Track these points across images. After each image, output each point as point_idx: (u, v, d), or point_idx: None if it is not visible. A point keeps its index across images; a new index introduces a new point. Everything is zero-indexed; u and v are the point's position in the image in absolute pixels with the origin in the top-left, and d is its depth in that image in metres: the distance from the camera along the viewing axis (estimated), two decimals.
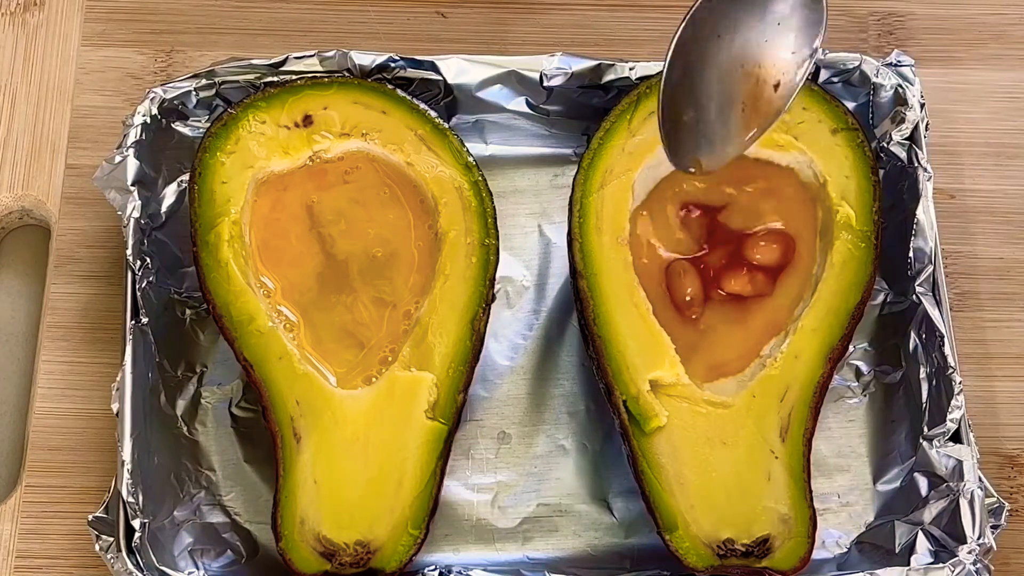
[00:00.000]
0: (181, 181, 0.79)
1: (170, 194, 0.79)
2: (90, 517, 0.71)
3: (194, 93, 0.78)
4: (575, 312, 0.78)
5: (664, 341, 0.72)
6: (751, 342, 0.74)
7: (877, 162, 0.77)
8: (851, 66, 0.79)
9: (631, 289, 0.73)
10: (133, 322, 0.74)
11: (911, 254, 0.76)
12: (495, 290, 0.74)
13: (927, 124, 0.79)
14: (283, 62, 0.78)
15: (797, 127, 0.76)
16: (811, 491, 0.71)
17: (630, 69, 0.79)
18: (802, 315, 0.73)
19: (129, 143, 0.76)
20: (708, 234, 0.76)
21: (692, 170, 0.66)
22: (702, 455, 0.71)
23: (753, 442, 0.71)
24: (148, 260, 0.75)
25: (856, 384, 0.79)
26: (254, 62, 0.78)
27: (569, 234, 0.74)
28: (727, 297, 0.74)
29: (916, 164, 0.77)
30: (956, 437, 0.73)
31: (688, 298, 0.74)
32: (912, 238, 0.76)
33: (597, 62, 0.79)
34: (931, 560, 0.71)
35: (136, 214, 0.75)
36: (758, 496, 0.71)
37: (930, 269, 0.76)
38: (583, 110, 0.81)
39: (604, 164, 0.75)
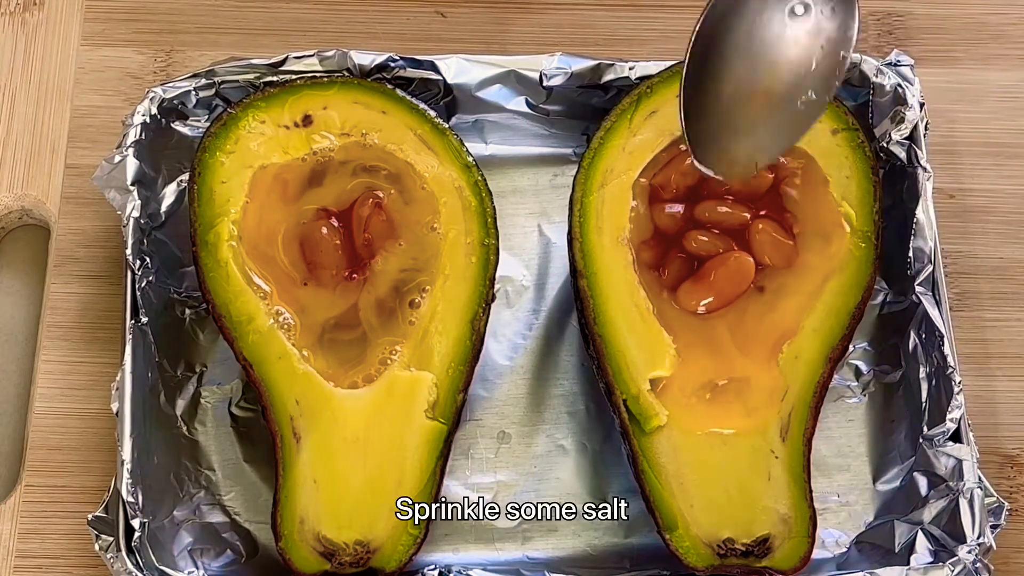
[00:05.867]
0: (181, 181, 0.79)
1: (170, 194, 0.79)
2: (90, 517, 0.71)
3: (194, 93, 0.78)
4: (575, 312, 0.78)
5: (664, 340, 0.72)
6: (763, 339, 0.73)
7: (877, 162, 0.77)
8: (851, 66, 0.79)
9: (631, 288, 0.73)
10: (133, 322, 0.74)
11: (911, 254, 0.76)
12: (495, 290, 0.74)
13: (927, 124, 0.79)
14: (283, 62, 0.78)
15: None
16: (811, 491, 0.71)
17: (630, 69, 0.79)
18: (802, 315, 0.73)
19: (129, 143, 0.76)
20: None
21: (719, 176, 0.65)
22: (702, 454, 0.71)
23: (753, 442, 0.71)
24: (148, 260, 0.75)
25: (856, 384, 0.79)
26: (254, 62, 0.78)
27: (569, 233, 0.74)
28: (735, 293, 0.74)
29: (916, 164, 0.77)
30: (956, 437, 0.73)
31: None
32: (912, 238, 0.76)
33: (597, 62, 0.79)
34: (931, 560, 0.71)
35: (136, 214, 0.75)
36: (758, 496, 0.71)
37: (930, 269, 0.76)
38: (583, 110, 0.81)
39: (604, 164, 0.75)
